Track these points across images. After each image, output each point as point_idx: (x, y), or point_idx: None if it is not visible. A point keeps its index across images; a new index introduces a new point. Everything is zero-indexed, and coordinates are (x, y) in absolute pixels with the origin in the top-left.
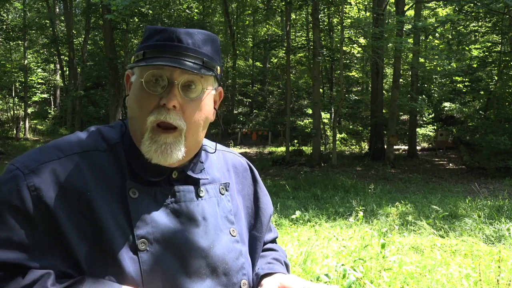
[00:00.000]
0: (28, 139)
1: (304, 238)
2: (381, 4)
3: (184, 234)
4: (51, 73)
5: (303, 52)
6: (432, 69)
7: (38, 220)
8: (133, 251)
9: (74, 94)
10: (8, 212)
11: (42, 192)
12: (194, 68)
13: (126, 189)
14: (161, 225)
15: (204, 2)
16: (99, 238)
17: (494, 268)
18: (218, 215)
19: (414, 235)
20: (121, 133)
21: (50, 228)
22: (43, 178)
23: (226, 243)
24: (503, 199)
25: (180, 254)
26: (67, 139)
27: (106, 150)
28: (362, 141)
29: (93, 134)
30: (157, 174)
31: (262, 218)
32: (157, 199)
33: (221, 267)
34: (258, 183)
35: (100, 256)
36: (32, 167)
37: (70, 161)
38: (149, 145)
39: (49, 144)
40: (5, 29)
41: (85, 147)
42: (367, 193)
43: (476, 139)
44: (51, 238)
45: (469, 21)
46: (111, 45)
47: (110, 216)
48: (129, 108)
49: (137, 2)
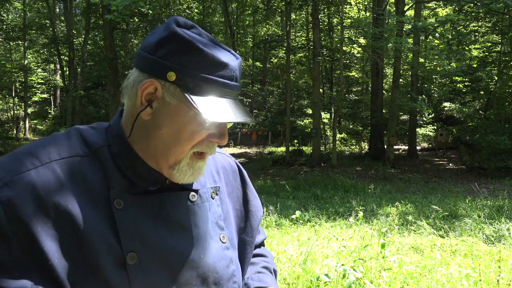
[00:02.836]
0: (28, 139)
1: (304, 238)
2: (381, 4)
3: (174, 245)
4: (51, 73)
5: (303, 52)
6: (432, 69)
7: (13, 237)
8: (121, 266)
9: (74, 94)
10: None
11: (16, 207)
12: (251, 119)
13: (111, 199)
14: (150, 237)
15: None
16: (83, 254)
17: (494, 268)
18: (209, 221)
19: (414, 235)
20: (107, 136)
21: (27, 245)
22: (17, 191)
23: (217, 251)
24: (503, 199)
25: (170, 266)
26: (43, 144)
27: (88, 155)
28: (362, 141)
29: (73, 137)
30: (155, 182)
31: (252, 221)
32: (144, 208)
33: (211, 277)
34: (247, 185)
35: (85, 273)
36: (5, 180)
37: (47, 170)
38: (186, 170)
39: (23, 149)
40: (5, 29)
41: (64, 153)
42: (367, 193)
43: (476, 139)
44: (28, 256)
45: (469, 21)
46: (111, 45)
47: (94, 230)
48: (161, 133)
49: (137, 2)
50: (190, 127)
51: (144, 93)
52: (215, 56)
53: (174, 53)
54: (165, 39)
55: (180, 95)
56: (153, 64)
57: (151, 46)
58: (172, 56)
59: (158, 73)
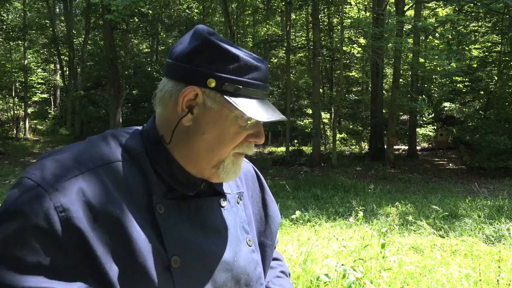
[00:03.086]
0: (28, 139)
1: (304, 238)
2: (381, 4)
3: (211, 248)
4: (51, 73)
5: (303, 52)
6: (432, 69)
7: (68, 243)
8: (166, 270)
9: (74, 94)
10: (36, 236)
11: (71, 214)
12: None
13: (153, 204)
14: (190, 240)
15: (204, 2)
16: (132, 258)
17: (494, 268)
18: (237, 225)
19: (414, 235)
20: (143, 142)
21: (81, 251)
22: (70, 197)
23: (246, 254)
24: (503, 199)
25: (209, 269)
26: (85, 149)
27: (128, 160)
28: (362, 141)
29: (111, 142)
30: (192, 187)
31: (272, 226)
32: (182, 213)
33: (243, 279)
34: (265, 190)
35: (133, 277)
36: (57, 185)
37: (94, 176)
38: (229, 168)
39: (65, 155)
40: (5, 29)
41: (107, 159)
42: (367, 193)
43: (476, 139)
44: (83, 261)
45: (469, 21)
46: (111, 45)
47: (141, 234)
48: (204, 137)
49: (137, 2)
50: (232, 129)
51: (185, 100)
52: (249, 60)
53: (212, 60)
54: (199, 47)
55: (221, 100)
56: (191, 72)
57: (185, 56)
58: (210, 64)
59: (198, 80)
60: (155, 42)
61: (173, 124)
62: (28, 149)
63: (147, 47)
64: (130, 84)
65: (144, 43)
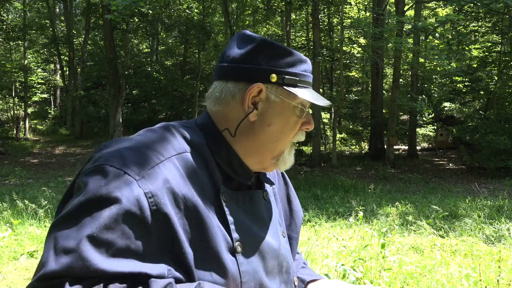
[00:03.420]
0: (28, 139)
1: (304, 238)
2: (381, 4)
3: (262, 236)
4: (51, 73)
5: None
6: (432, 69)
7: (154, 227)
8: (231, 254)
9: (74, 94)
10: (127, 221)
11: (158, 199)
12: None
13: (220, 193)
14: (248, 228)
15: (204, 2)
16: (204, 243)
17: (494, 268)
18: (275, 218)
19: (414, 235)
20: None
21: (165, 235)
22: (156, 184)
23: (284, 243)
24: (503, 199)
25: (262, 255)
26: (156, 139)
27: (193, 151)
28: (362, 141)
29: (175, 134)
30: (247, 178)
31: (296, 220)
32: (239, 203)
33: (285, 266)
34: (289, 186)
35: (206, 261)
36: (142, 173)
37: (171, 164)
38: (287, 158)
39: (137, 144)
40: (5, 29)
41: (178, 149)
42: (367, 193)
43: (476, 139)
44: (166, 245)
45: (469, 21)
46: (111, 45)
47: (212, 221)
48: (270, 129)
49: (137, 2)
50: (292, 119)
51: (250, 97)
52: (300, 54)
53: (271, 57)
54: (257, 47)
55: (282, 92)
56: (254, 71)
57: (243, 57)
58: (270, 61)
59: (261, 77)
60: (155, 42)
61: (234, 119)
62: (28, 149)
63: (147, 47)
64: (130, 84)
65: (144, 43)
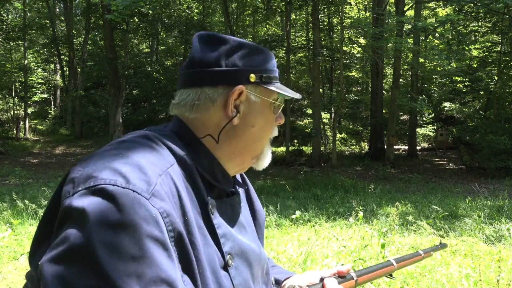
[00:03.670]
0: (28, 139)
1: (304, 238)
2: (381, 4)
3: (247, 243)
4: (51, 73)
5: (303, 52)
6: (432, 69)
7: (173, 249)
8: (223, 268)
9: (74, 94)
10: (149, 244)
11: (173, 218)
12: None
13: (208, 204)
14: (234, 238)
15: (204, 2)
16: (203, 258)
17: (494, 268)
18: (250, 220)
19: (414, 235)
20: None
21: (179, 252)
22: (165, 201)
23: (260, 246)
24: (503, 199)
25: (249, 263)
26: (147, 150)
27: (178, 162)
28: (362, 141)
29: (160, 144)
30: (229, 185)
31: (260, 220)
32: (223, 213)
33: (265, 268)
34: (249, 185)
35: (204, 276)
36: (150, 190)
37: (168, 178)
38: (265, 156)
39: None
40: (5, 29)
41: (168, 161)
42: (367, 193)
43: (476, 139)
44: (184, 266)
45: (469, 21)
46: (111, 45)
47: (205, 234)
48: (253, 130)
49: (137, 2)
50: (271, 116)
51: (232, 100)
52: (266, 49)
53: (246, 57)
54: (232, 49)
55: (260, 91)
56: (232, 73)
57: (217, 60)
58: (246, 61)
59: (239, 79)
60: (155, 42)
61: (214, 125)
62: (28, 149)
63: (147, 47)
64: (130, 84)
65: (144, 43)
